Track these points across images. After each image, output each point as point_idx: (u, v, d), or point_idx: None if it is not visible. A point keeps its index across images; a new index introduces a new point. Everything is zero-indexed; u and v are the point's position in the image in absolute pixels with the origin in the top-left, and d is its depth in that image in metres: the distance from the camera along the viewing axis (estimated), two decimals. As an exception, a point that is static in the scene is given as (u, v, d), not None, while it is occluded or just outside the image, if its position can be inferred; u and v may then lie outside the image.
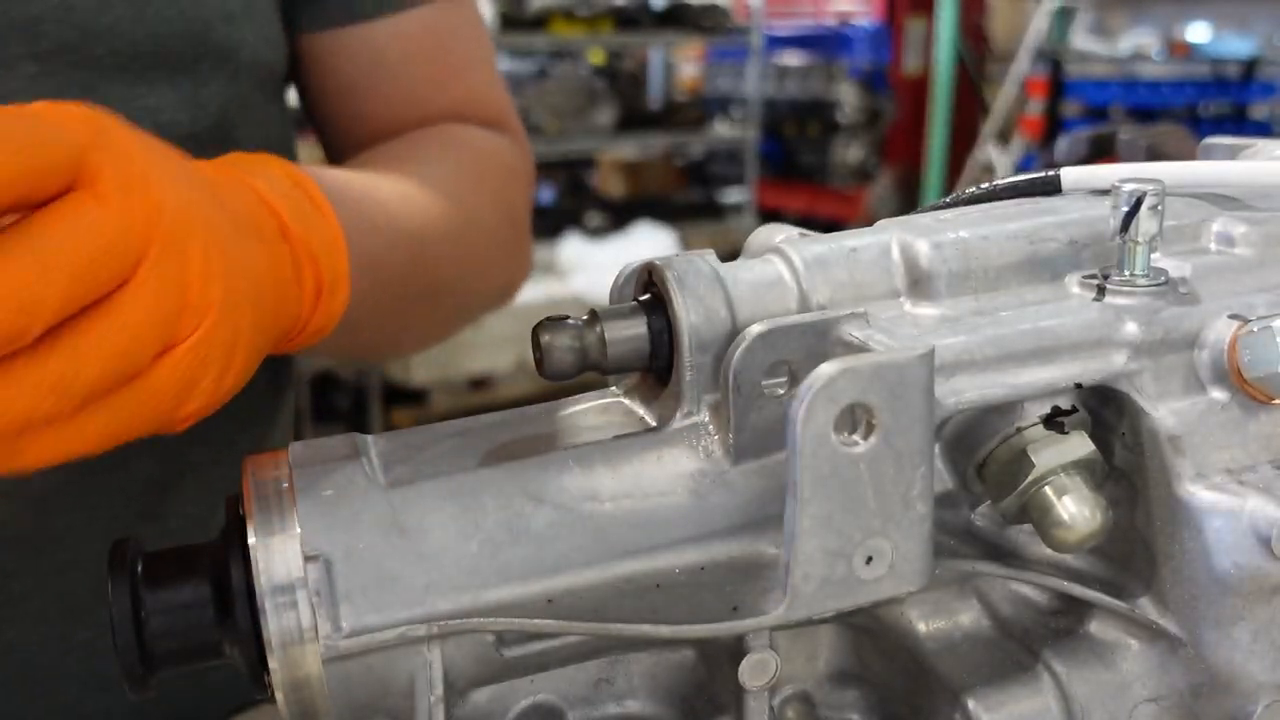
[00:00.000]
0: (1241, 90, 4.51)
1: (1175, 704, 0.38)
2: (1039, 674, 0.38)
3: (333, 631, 0.33)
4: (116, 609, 0.34)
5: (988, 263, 0.39)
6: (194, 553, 0.36)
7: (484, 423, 0.40)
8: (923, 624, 0.40)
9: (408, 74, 0.74)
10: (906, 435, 0.33)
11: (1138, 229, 0.37)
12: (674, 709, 0.41)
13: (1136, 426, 0.37)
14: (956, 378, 0.36)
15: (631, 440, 0.38)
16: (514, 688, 0.39)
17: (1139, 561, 0.38)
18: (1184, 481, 0.36)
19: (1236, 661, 0.36)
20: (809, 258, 0.39)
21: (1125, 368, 0.37)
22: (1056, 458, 0.36)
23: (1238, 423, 0.37)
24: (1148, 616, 0.38)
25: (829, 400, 0.31)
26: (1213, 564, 0.35)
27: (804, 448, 0.32)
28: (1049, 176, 0.45)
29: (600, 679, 0.40)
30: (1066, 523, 0.35)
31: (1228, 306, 0.38)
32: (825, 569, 0.33)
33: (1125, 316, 0.37)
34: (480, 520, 0.35)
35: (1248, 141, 0.49)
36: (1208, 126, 4.31)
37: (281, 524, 0.35)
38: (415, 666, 0.35)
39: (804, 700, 0.42)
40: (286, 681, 0.34)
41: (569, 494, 0.36)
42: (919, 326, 0.38)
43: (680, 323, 0.38)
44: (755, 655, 0.36)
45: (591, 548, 0.35)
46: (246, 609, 0.34)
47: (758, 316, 0.38)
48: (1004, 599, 0.41)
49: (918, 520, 0.34)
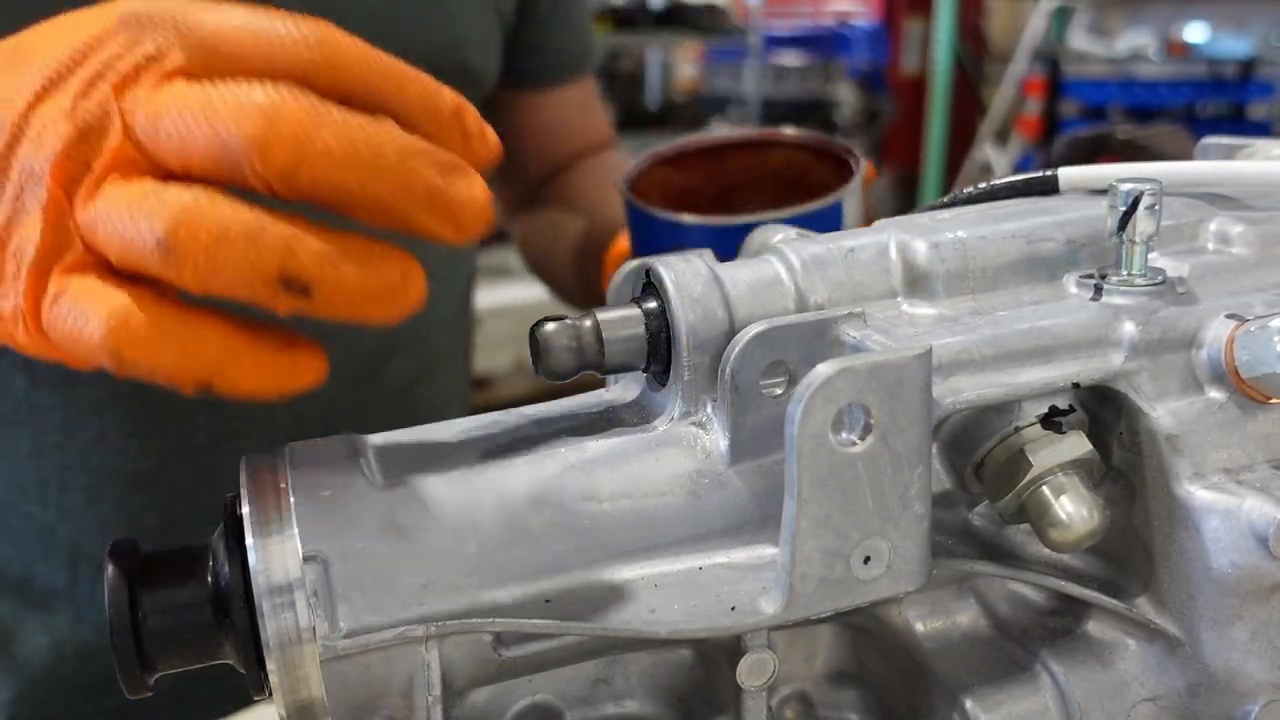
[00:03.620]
0: (1239, 90, 4.51)
1: (1173, 703, 0.38)
2: (1037, 673, 0.39)
3: (330, 632, 0.33)
4: (114, 609, 0.34)
5: (985, 262, 0.39)
6: (192, 553, 0.36)
7: (482, 423, 0.40)
8: (921, 624, 0.40)
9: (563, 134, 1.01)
10: (904, 435, 0.33)
11: (1135, 229, 0.37)
12: (672, 709, 0.41)
13: (1134, 426, 0.37)
14: (954, 377, 0.36)
15: (629, 440, 0.38)
16: (512, 688, 0.39)
17: (1137, 561, 0.38)
18: (1182, 481, 0.36)
19: (1234, 661, 0.36)
20: (806, 257, 0.39)
21: (1123, 367, 0.37)
22: (1054, 457, 0.36)
23: (1235, 422, 0.37)
24: (1145, 616, 0.38)
25: (827, 400, 0.31)
26: (1210, 563, 0.35)
27: (802, 448, 0.32)
28: (1047, 176, 0.45)
29: (598, 679, 0.40)
30: (1064, 522, 0.35)
31: (1225, 306, 0.38)
32: (823, 569, 0.33)
33: (1123, 316, 0.37)
34: (478, 520, 0.35)
35: (1245, 141, 0.49)
36: (1205, 126, 4.31)
37: (279, 524, 0.35)
38: (413, 667, 0.35)
39: (802, 700, 0.42)
40: (284, 682, 0.34)
41: (567, 494, 0.36)
42: (916, 326, 0.38)
43: (678, 323, 0.38)
44: (753, 655, 0.36)
45: (589, 548, 0.35)
46: (244, 609, 0.34)
47: (755, 316, 0.38)
48: (1002, 599, 0.41)
49: (916, 520, 0.34)
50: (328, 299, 0.34)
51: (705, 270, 0.38)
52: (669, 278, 0.38)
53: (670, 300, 0.38)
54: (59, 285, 0.35)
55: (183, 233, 0.33)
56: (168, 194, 0.34)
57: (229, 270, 0.33)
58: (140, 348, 0.34)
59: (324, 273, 0.34)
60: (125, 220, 0.34)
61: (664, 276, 0.38)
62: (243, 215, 0.34)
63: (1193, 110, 4.44)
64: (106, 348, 0.34)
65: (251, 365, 0.35)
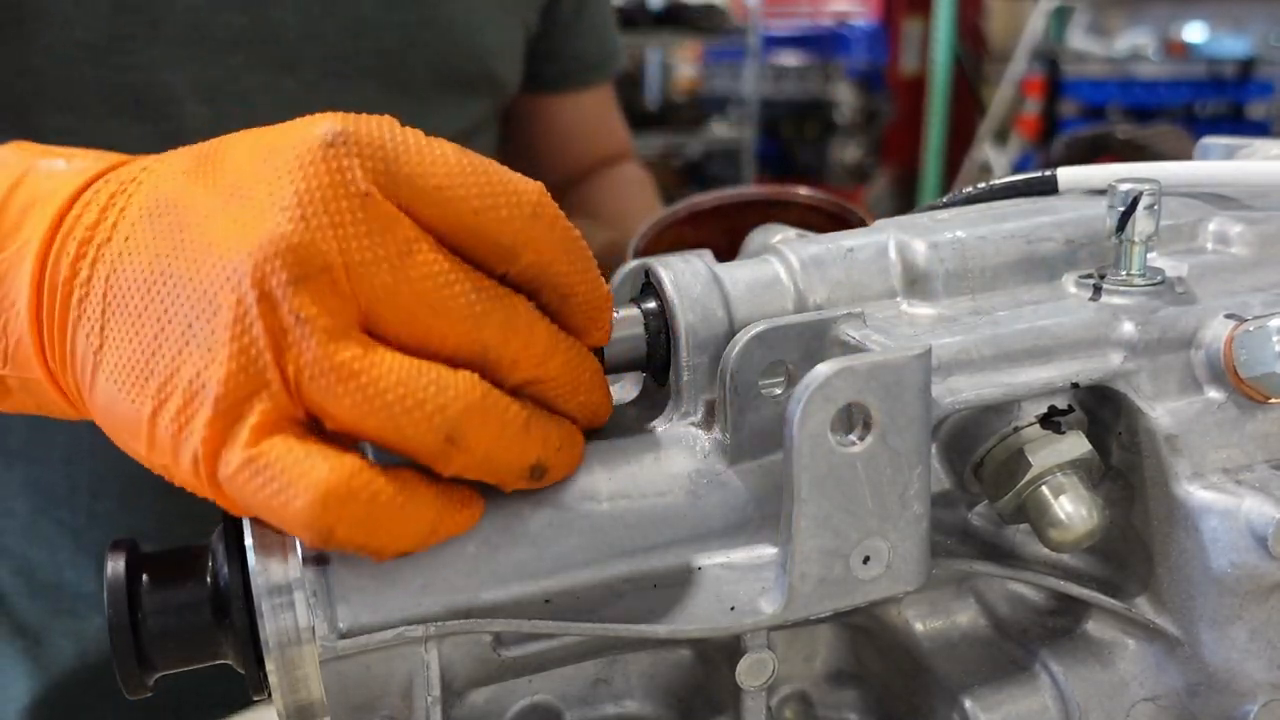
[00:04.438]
0: (1238, 90, 4.52)
1: (1172, 703, 0.38)
2: (1036, 673, 0.38)
3: (330, 632, 0.33)
4: (113, 610, 0.34)
5: (984, 262, 0.39)
6: (191, 554, 0.36)
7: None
8: (920, 624, 0.40)
9: (582, 140, 1.03)
10: (903, 435, 0.33)
11: (1134, 228, 0.37)
12: (671, 709, 0.41)
13: (1133, 426, 0.37)
14: (953, 377, 0.36)
15: (628, 440, 0.38)
16: (512, 688, 0.39)
17: (1136, 561, 0.38)
18: (1181, 481, 0.36)
19: (1233, 660, 0.36)
20: (806, 258, 0.39)
21: (1122, 367, 0.37)
22: (1053, 457, 0.36)
23: (1234, 422, 0.37)
24: (1145, 616, 0.38)
25: (826, 400, 0.31)
26: (1209, 563, 0.35)
27: (801, 448, 0.32)
28: (1046, 176, 0.45)
29: (598, 679, 0.40)
30: (1063, 522, 0.35)
31: (1224, 306, 0.38)
32: (822, 569, 0.33)
33: (1122, 316, 0.37)
34: (478, 520, 0.35)
35: (1244, 141, 0.49)
36: (1204, 126, 4.31)
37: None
38: (413, 667, 0.35)
39: (801, 700, 0.42)
40: (284, 682, 0.34)
41: (566, 494, 0.36)
42: (916, 326, 0.38)
43: (677, 323, 0.38)
44: (753, 655, 0.36)
45: (589, 548, 0.35)
46: (243, 610, 0.34)
47: (755, 317, 0.38)
48: (1001, 598, 0.41)
49: (915, 520, 0.34)
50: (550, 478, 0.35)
51: (705, 270, 0.38)
52: (668, 278, 0.38)
53: (670, 300, 0.38)
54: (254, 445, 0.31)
55: (474, 422, 0.32)
56: (449, 377, 0.32)
57: (500, 461, 0.33)
58: (357, 527, 0.31)
59: (558, 459, 0.35)
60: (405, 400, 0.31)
61: (663, 276, 0.38)
62: (514, 406, 0.33)
63: (1192, 110, 4.44)
64: (312, 526, 0.31)
65: (451, 529, 0.34)
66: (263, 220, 0.32)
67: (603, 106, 1.04)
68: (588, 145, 1.03)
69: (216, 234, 0.32)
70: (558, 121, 1.01)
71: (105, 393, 0.34)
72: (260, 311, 0.31)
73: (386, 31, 0.77)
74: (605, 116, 1.05)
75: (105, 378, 0.34)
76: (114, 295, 0.33)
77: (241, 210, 0.32)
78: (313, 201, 0.32)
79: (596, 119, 1.03)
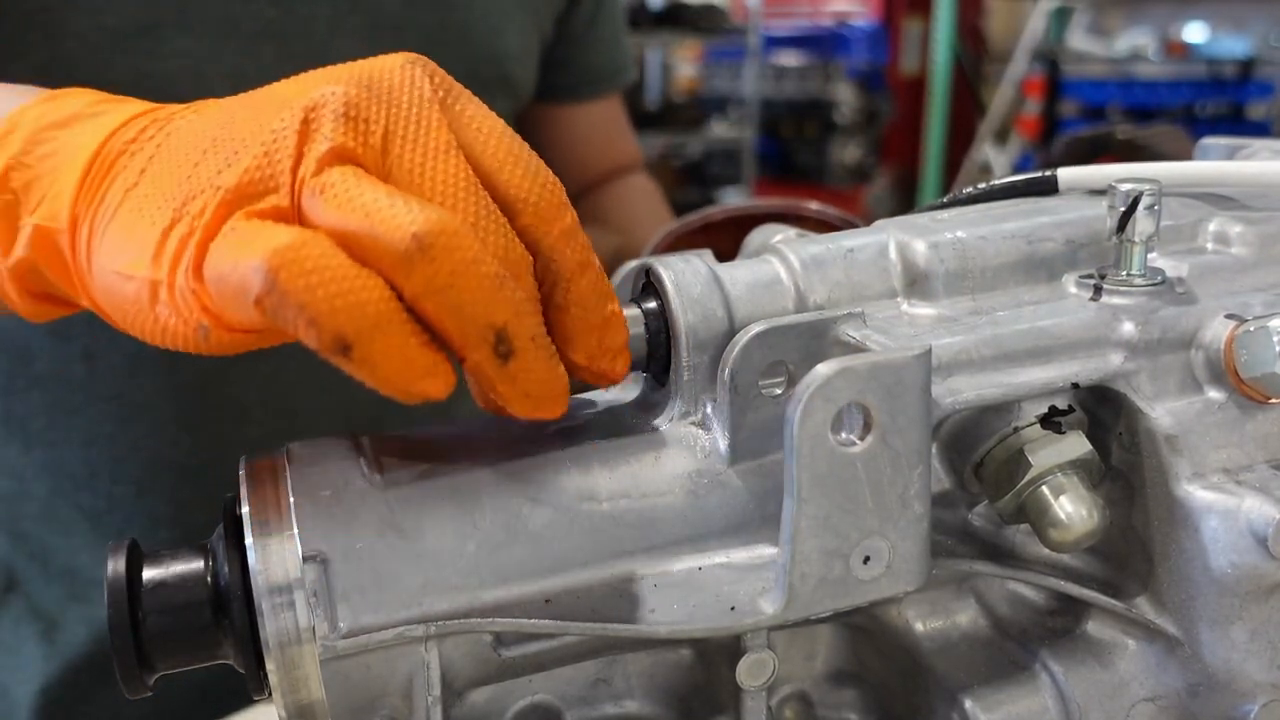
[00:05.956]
0: (1238, 90, 4.51)
1: (1172, 703, 0.38)
2: (1036, 673, 0.38)
3: (330, 632, 0.33)
4: (113, 609, 0.34)
5: (985, 263, 0.39)
6: (192, 553, 0.36)
7: (482, 423, 0.40)
8: (920, 624, 0.40)
9: (592, 150, 1.04)
10: (904, 435, 0.33)
11: (1134, 229, 0.37)
12: (671, 709, 0.41)
13: (1133, 426, 0.37)
14: (954, 377, 0.36)
15: (629, 440, 0.38)
16: (512, 688, 0.39)
17: (1136, 561, 0.38)
18: (1181, 481, 0.36)
19: (1234, 661, 0.36)
20: (806, 258, 0.39)
21: (1122, 367, 0.37)
22: (1053, 457, 0.36)
23: (1234, 422, 0.37)
24: (1145, 616, 0.38)
25: (826, 400, 0.31)
26: (1210, 563, 0.35)
27: (801, 448, 0.32)
28: (1046, 176, 0.45)
29: (598, 679, 0.40)
30: (1063, 522, 0.35)
31: (1224, 306, 0.38)
32: (823, 569, 0.33)
33: (1122, 316, 0.37)
34: (478, 520, 0.35)
35: (1244, 141, 0.49)
36: (1204, 126, 4.31)
37: (279, 524, 0.35)
38: (413, 667, 0.35)
39: (802, 700, 0.42)
40: (284, 682, 0.34)
41: (566, 494, 0.36)
42: (916, 326, 0.38)
43: (677, 323, 0.38)
44: (753, 655, 0.36)
45: (589, 548, 0.35)
46: (244, 609, 0.34)
47: (755, 317, 0.38)
48: (1001, 599, 0.41)
49: (915, 520, 0.34)
50: (513, 375, 0.34)
51: (705, 270, 0.38)
52: (668, 278, 0.38)
53: (670, 300, 0.38)
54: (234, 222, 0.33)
55: (442, 240, 0.32)
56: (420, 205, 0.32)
57: (465, 296, 0.32)
58: (301, 276, 0.31)
59: (526, 348, 0.34)
60: (383, 204, 0.32)
61: (663, 276, 0.38)
62: (494, 263, 0.33)
63: (1192, 110, 4.44)
64: (264, 271, 0.31)
65: (398, 344, 0.32)
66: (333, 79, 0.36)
67: (612, 117, 1.05)
68: (597, 155, 1.05)
69: (284, 89, 0.37)
70: (567, 131, 1.02)
71: (123, 226, 0.35)
72: (298, 130, 0.34)
73: (409, 30, 0.77)
74: (615, 127, 1.06)
75: (129, 210, 0.35)
76: (167, 144, 0.36)
77: (316, 78, 0.36)
78: (381, 84, 0.36)
79: (606, 130, 1.05)
